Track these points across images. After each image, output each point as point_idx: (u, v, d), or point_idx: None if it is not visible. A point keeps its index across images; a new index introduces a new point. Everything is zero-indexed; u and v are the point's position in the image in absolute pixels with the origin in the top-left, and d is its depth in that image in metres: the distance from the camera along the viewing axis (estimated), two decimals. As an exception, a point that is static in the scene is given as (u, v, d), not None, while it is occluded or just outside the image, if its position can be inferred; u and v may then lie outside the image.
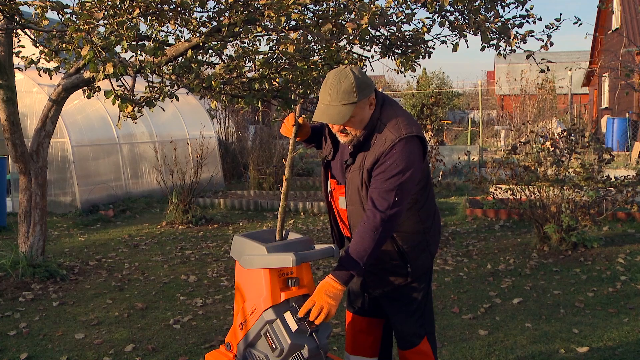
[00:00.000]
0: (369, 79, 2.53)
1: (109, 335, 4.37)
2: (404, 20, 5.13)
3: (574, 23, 5.61)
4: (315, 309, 2.43)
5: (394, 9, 5.13)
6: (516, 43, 5.25)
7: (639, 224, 7.51)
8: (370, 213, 2.47)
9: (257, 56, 5.01)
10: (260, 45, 5.35)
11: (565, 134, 6.73)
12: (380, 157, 2.49)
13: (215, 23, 4.96)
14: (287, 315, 2.51)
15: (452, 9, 5.27)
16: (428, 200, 2.71)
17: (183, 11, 4.67)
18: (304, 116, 2.81)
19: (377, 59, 5.64)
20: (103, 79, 4.37)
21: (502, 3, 5.38)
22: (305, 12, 4.93)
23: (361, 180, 2.56)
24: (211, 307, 4.93)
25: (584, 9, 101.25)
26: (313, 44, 4.79)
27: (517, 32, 5.30)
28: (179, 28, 5.13)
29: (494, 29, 5.21)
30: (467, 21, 5.27)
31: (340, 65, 5.31)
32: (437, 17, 5.34)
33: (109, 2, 4.14)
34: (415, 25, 5.45)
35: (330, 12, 4.76)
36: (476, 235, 7.33)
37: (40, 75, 6.11)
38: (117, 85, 4.65)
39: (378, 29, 5.12)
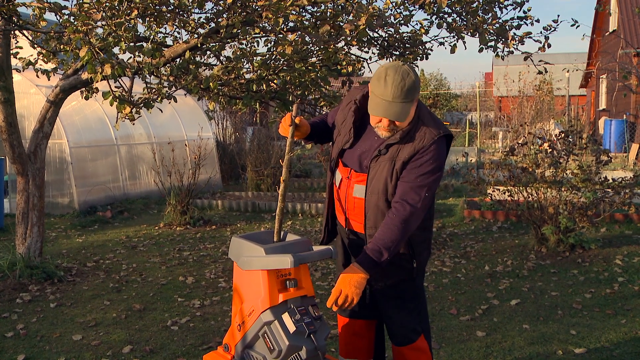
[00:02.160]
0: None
1: (107, 337, 4.36)
2: (402, 21, 5.13)
3: (572, 25, 5.62)
4: (341, 298, 2.49)
5: (391, 10, 5.14)
6: (514, 44, 5.26)
7: (636, 225, 7.52)
8: (400, 206, 2.51)
9: (255, 57, 5.02)
10: (258, 46, 5.36)
11: (562, 135, 6.74)
12: (418, 152, 2.55)
13: (213, 24, 4.96)
14: (285, 317, 2.52)
15: (450, 11, 5.28)
16: (434, 199, 2.77)
17: (181, 12, 4.67)
18: (301, 116, 2.80)
19: (375, 61, 5.65)
20: (101, 80, 4.36)
21: (500, 4, 5.39)
22: (303, 14, 4.94)
23: (392, 171, 2.59)
24: (209, 309, 4.93)
25: (582, 10, 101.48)
26: (311, 45, 4.79)
27: (514, 34, 5.31)
28: (177, 29, 5.13)
29: (491, 31, 5.22)
30: (465, 23, 5.28)
31: (339, 66, 5.34)
32: (435, 19, 5.34)
33: (107, 4, 4.14)
34: (413, 26, 5.46)
35: (328, 13, 4.76)
36: (474, 237, 7.34)
37: (38, 76, 6.10)
38: (115, 87, 4.64)
39: (376, 30, 5.12)
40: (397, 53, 5.60)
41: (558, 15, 5.47)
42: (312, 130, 2.87)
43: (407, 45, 5.51)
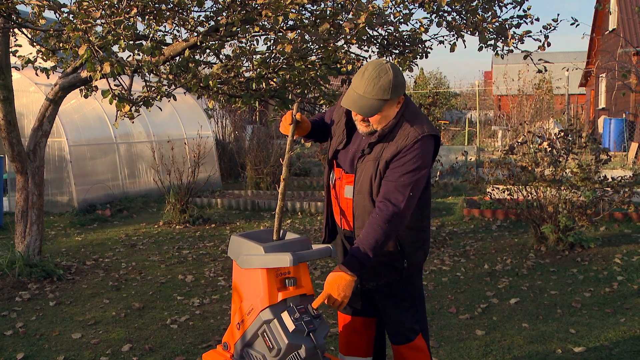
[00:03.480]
0: (404, 79, 2.57)
1: (106, 335, 4.36)
2: (402, 20, 5.13)
3: (571, 24, 5.62)
4: (328, 302, 2.48)
5: (391, 9, 5.14)
6: (513, 43, 5.26)
7: (635, 224, 7.53)
8: (383, 205, 2.50)
9: (254, 56, 5.01)
10: (257, 45, 5.35)
11: (562, 134, 6.73)
12: (401, 151, 2.53)
13: (212, 23, 4.96)
14: (285, 315, 2.51)
15: (449, 9, 5.27)
16: (428, 199, 2.75)
17: (180, 11, 4.67)
18: (300, 114, 2.80)
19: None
20: (100, 78, 4.36)
21: (500, 3, 5.38)
22: (303, 12, 4.93)
23: (376, 171, 2.58)
24: (208, 307, 4.93)
25: (582, 9, 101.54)
26: (310, 43, 4.79)
27: (514, 33, 5.30)
28: (177, 27, 5.13)
29: (491, 29, 5.21)
30: (464, 21, 5.28)
31: (339, 64, 5.34)
32: (435, 17, 5.34)
33: (107, 2, 4.13)
34: (412, 25, 5.46)
35: (328, 12, 4.76)
36: (473, 236, 7.34)
37: (37, 74, 6.09)
38: (115, 85, 4.64)
39: (375, 28, 5.12)
40: (397, 51, 5.59)
41: (558, 14, 5.46)
42: (312, 128, 2.87)
43: (406, 43, 5.51)
